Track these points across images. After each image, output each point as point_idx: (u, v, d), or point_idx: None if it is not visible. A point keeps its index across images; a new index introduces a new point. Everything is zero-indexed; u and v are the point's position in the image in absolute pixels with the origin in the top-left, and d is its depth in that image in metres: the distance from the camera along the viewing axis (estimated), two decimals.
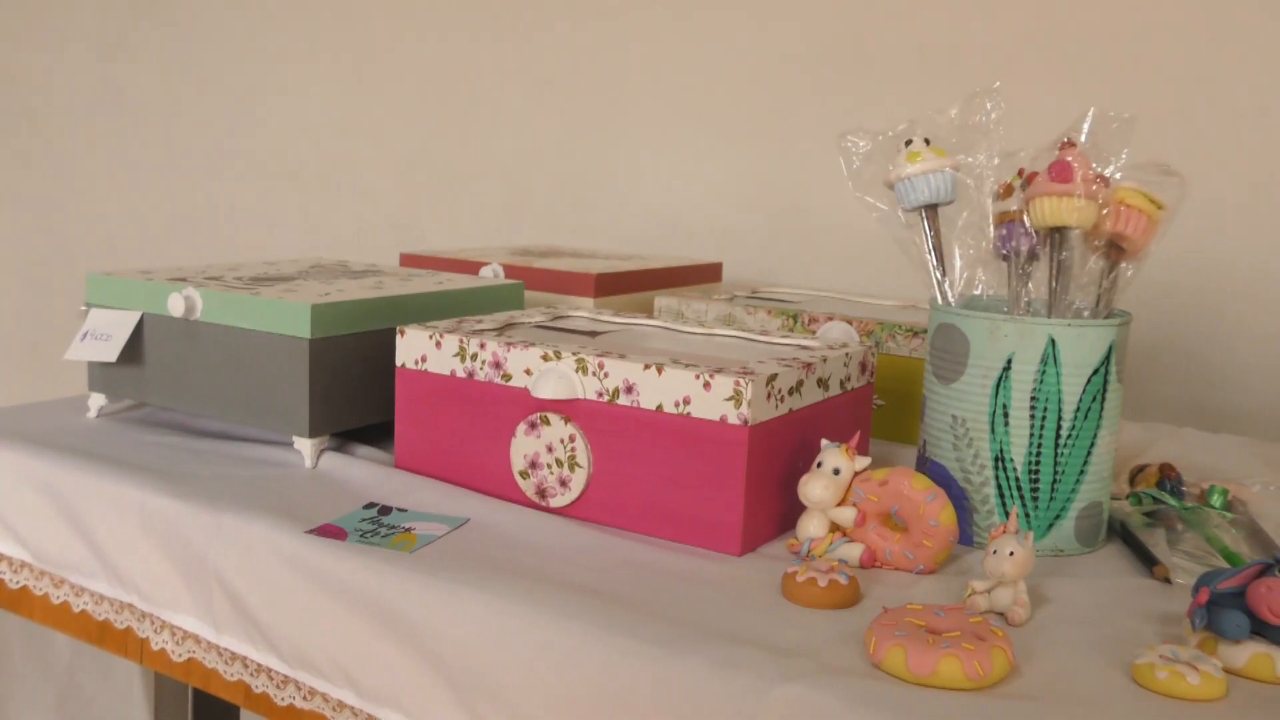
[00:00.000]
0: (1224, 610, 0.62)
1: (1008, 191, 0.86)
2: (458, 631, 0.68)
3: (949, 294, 0.87)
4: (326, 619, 0.74)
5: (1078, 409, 0.78)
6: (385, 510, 0.83)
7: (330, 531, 0.77)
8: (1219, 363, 1.33)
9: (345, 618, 0.73)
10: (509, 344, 0.84)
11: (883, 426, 1.07)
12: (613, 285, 1.23)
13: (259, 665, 0.78)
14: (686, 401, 0.77)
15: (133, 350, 0.99)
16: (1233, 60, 1.30)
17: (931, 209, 0.87)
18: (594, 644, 0.64)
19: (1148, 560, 0.78)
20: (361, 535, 0.77)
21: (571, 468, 0.82)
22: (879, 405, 1.08)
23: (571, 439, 0.82)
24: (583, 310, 1.04)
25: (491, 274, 1.25)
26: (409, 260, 1.32)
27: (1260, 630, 0.62)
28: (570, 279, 1.21)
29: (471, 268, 1.27)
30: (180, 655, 0.82)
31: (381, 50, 1.97)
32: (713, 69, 1.65)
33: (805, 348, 0.90)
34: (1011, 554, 0.68)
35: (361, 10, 1.98)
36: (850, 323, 1.09)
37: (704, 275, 1.38)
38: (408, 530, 0.79)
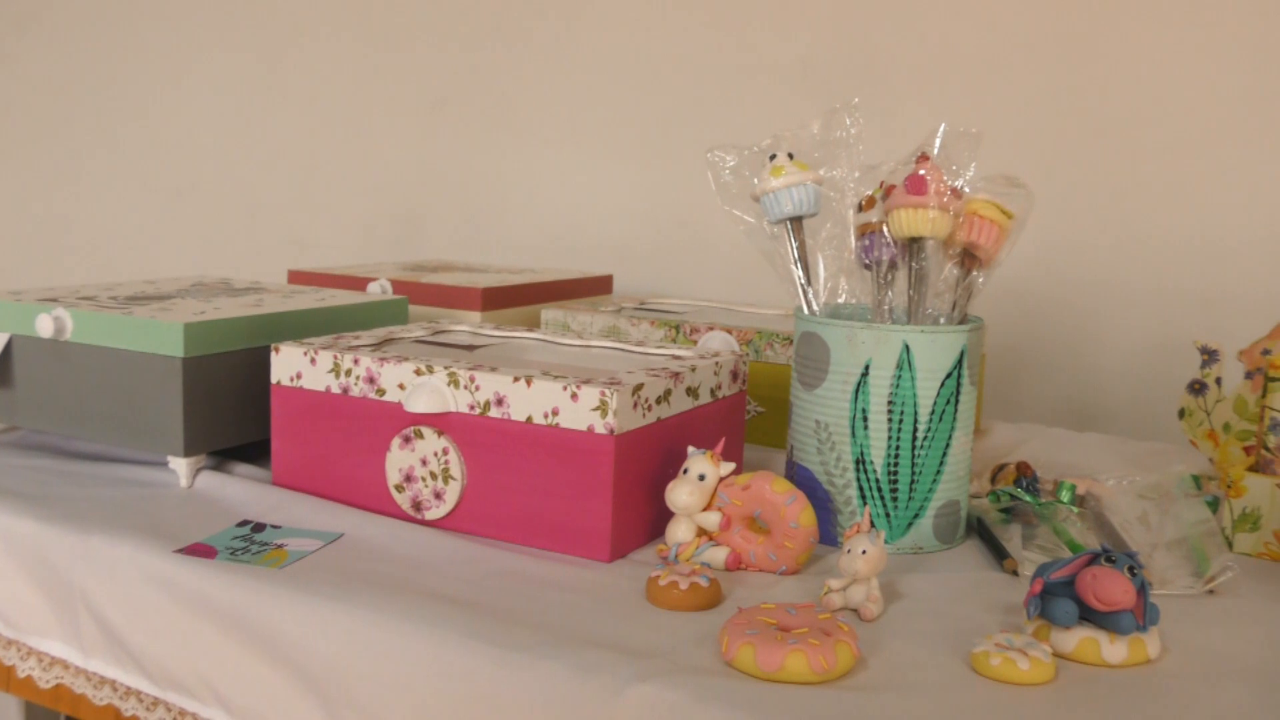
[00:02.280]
0: (1056, 599, 0.66)
1: (870, 203, 0.89)
2: (325, 646, 0.69)
3: (814, 303, 0.90)
4: (195, 638, 0.73)
5: (933, 412, 0.82)
6: (259, 527, 0.83)
7: (200, 550, 0.77)
8: (1088, 364, 1.39)
9: (214, 637, 0.73)
10: (382, 359, 0.85)
11: (762, 432, 1.10)
12: (500, 299, 1.24)
13: (128, 688, 0.77)
14: (555, 412, 0.79)
15: (2, 373, 0.97)
16: (1089, 73, 1.36)
17: (796, 221, 0.89)
18: (458, 653, 0.65)
19: (1000, 554, 0.82)
20: (232, 553, 0.77)
21: (445, 480, 0.83)
22: (758, 412, 1.11)
23: (445, 452, 0.83)
24: (466, 324, 1.05)
25: (379, 289, 1.25)
26: (296, 277, 1.31)
27: (1088, 616, 0.65)
28: (457, 293, 1.22)
29: (359, 284, 1.27)
30: (47, 682, 0.81)
31: (276, 68, 1.95)
32: (604, 86, 1.67)
33: (678, 358, 0.92)
34: (864, 552, 0.71)
35: (254, 27, 1.97)
36: (730, 332, 1.12)
37: (594, 288, 1.40)
38: (279, 547, 0.79)
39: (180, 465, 0.90)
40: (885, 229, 0.87)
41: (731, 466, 0.79)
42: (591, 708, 0.60)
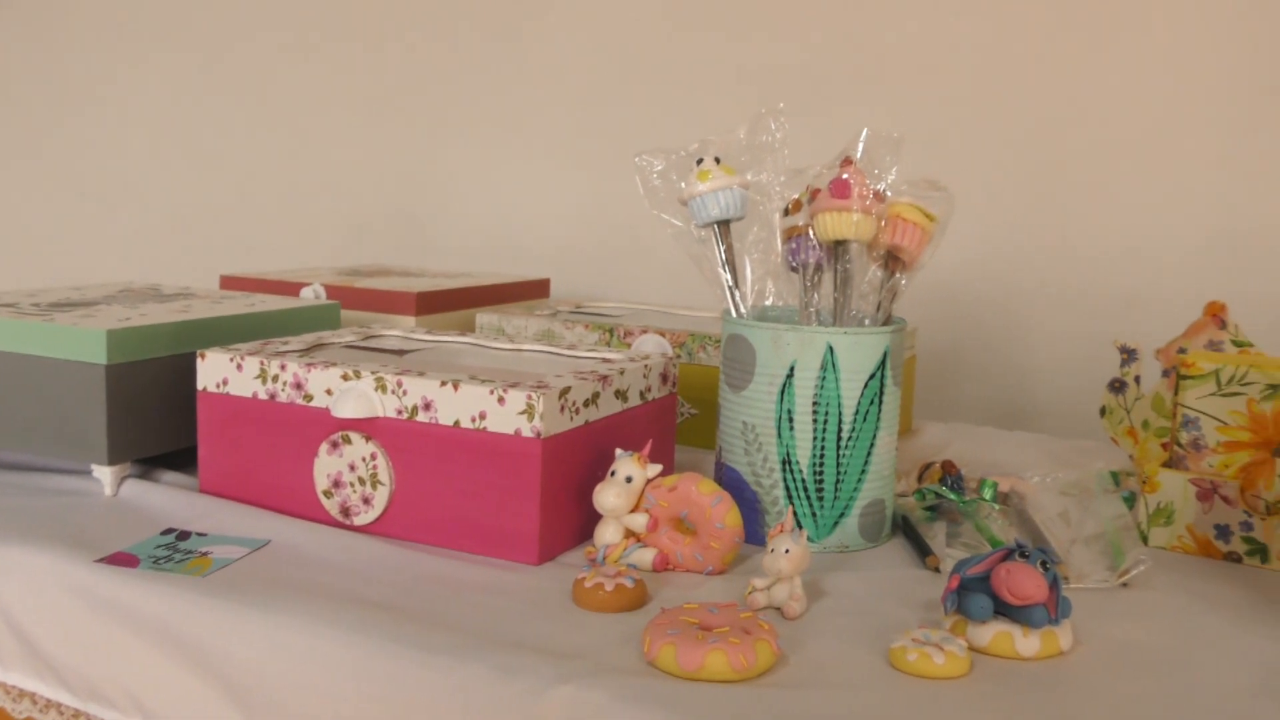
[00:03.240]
0: (971, 594, 0.67)
1: (796, 207, 0.90)
2: (248, 653, 0.68)
3: (741, 306, 0.90)
4: (117, 649, 0.73)
5: (857, 412, 0.83)
6: (184, 535, 0.82)
7: (121, 560, 0.76)
8: (1018, 365, 1.42)
9: (136, 646, 0.72)
10: (310, 364, 0.85)
11: (695, 434, 1.11)
12: (435, 303, 1.24)
13: (48, 700, 0.76)
14: (482, 416, 0.79)
15: None
16: (1017, 81, 1.39)
17: (723, 224, 0.90)
18: (381, 658, 0.65)
19: (923, 552, 0.83)
20: (155, 562, 0.77)
21: (374, 485, 0.83)
22: (691, 414, 1.12)
23: (373, 457, 0.82)
24: (398, 329, 1.05)
25: (313, 295, 1.24)
26: (229, 282, 1.30)
27: (1003, 611, 0.67)
28: (391, 298, 1.22)
29: (293, 289, 1.26)
30: None
31: (214, 70, 1.93)
32: (546, 91, 1.67)
33: (608, 361, 0.92)
34: (787, 551, 0.71)
35: (191, 28, 1.94)
36: (663, 335, 1.13)
37: (532, 291, 1.41)
38: (204, 555, 0.78)
39: (104, 474, 0.89)
40: (811, 232, 0.88)
41: (659, 468, 0.80)
42: (513, 709, 0.60)
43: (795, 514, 0.83)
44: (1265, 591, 0.78)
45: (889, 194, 0.87)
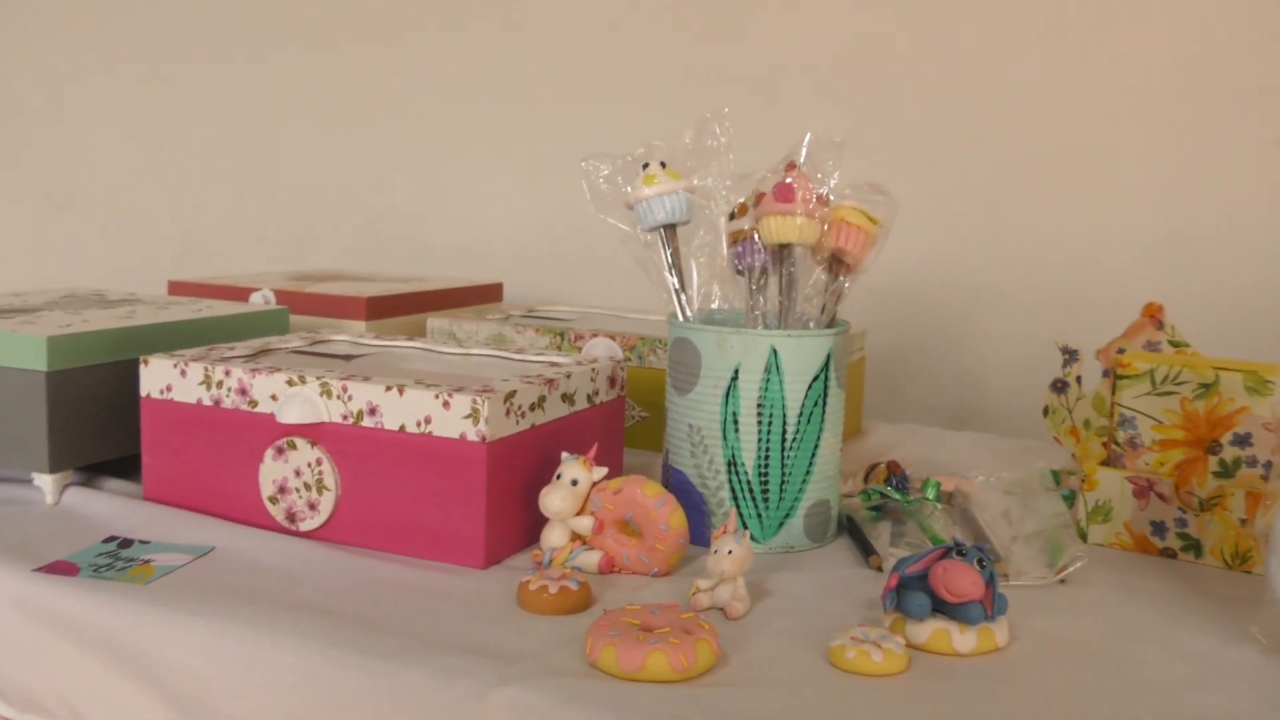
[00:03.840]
0: (910, 592, 0.68)
1: (742, 211, 0.91)
2: (189, 661, 0.68)
3: (688, 309, 0.91)
4: (55, 659, 0.72)
5: (801, 413, 0.84)
6: (126, 543, 0.81)
7: (61, 568, 0.76)
8: (967, 366, 1.43)
9: (75, 655, 0.71)
10: (254, 370, 0.84)
11: (645, 437, 1.12)
12: (386, 308, 1.23)
13: None
14: (428, 421, 0.79)
15: None
16: (963, 88, 1.41)
17: (670, 228, 0.91)
18: (322, 664, 0.65)
19: (867, 551, 0.84)
20: (95, 570, 0.76)
21: (320, 491, 0.82)
22: (642, 417, 1.12)
23: (319, 462, 0.82)
24: (347, 334, 1.05)
25: (262, 300, 1.24)
26: (177, 288, 1.29)
27: (941, 608, 0.68)
28: (342, 303, 1.22)
29: (242, 294, 1.25)
30: None
31: (163, 76, 1.91)
32: (498, 93, 1.67)
33: (555, 364, 0.93)
34: (730, 552, 0.72)
35: (141, 33, 1.92)
36: (614, 338, 1.13)
37: (484, 296, 1.41)
38: (146, 563, 0.78)
39: (46, 482, 0.88)
40: (756, 236, 0.89)
41: (604, 471, 0.80)
42: (453, 713, 0.61)
43: (739, 515, 0.84)
44: (1198, 586, 0.80)
45: (831, 198, 0.88)
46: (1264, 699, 0.62)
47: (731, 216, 0.92)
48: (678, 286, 0.91)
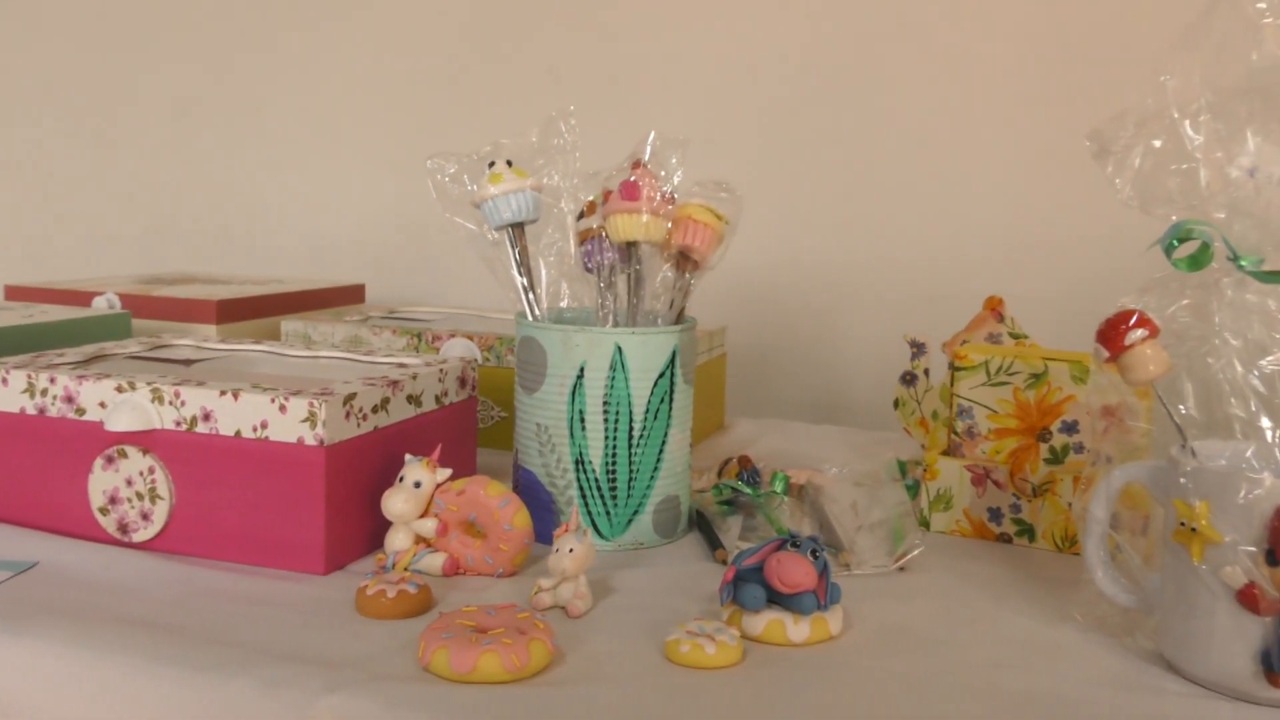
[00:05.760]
0: (746, 584, 0.69)
1: (591, 209, 0.91)
2: (2, 681, 0.65)
3: (537, 308, 0.91)
4: None
5: (647, 410, 0.84)
6: None
7: None
8: (829, 360, 1.46)
9: None
10: (81, 377, 0.81)
11: (506, 438, 1.11)
12: (238, 311, 1.20)
13: None
14: (264, 425, 0.77)
15: None
16: (823, 88, 1.43)
17: (517, 227, 0.90)
18: (140, 678, 0.62)
19: (715, 546, 0.85)
20: None
21: (153, 500, 0.80)
22: (501, 417, 1.12)
23: (151, 471, 0.79)
24: (191, 339, 1.02)
25: (106, 304, 1.19)
26: (14, 293, 1.24)
27: (775, 599, 0.69)
28: (190, 306, 1.18)
29: (85, 299, 1.21)
30: None
31: (4, 67, 1.83)
32: (358, 90, 1.64)
33: (403, 366, 0.91)
34: (571, 551, 0.72)
35: None
36: (472, 339, 1.12)
37: (345, 297, 1.38)
38: None
39: None
40: (605, 234, 0.89)
41: (448, 473, 0.80)
42: None
43: (580, 513, 0.84)
44: (1028, 569, 0.83)
45: (676, 195, 0.88)
46: (1080, 676, 0.65)
47: (580, 215, 0.92)
48: (526, 285, 0.91)
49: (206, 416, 0.78)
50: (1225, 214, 0.64)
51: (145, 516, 0.80)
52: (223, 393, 0.78)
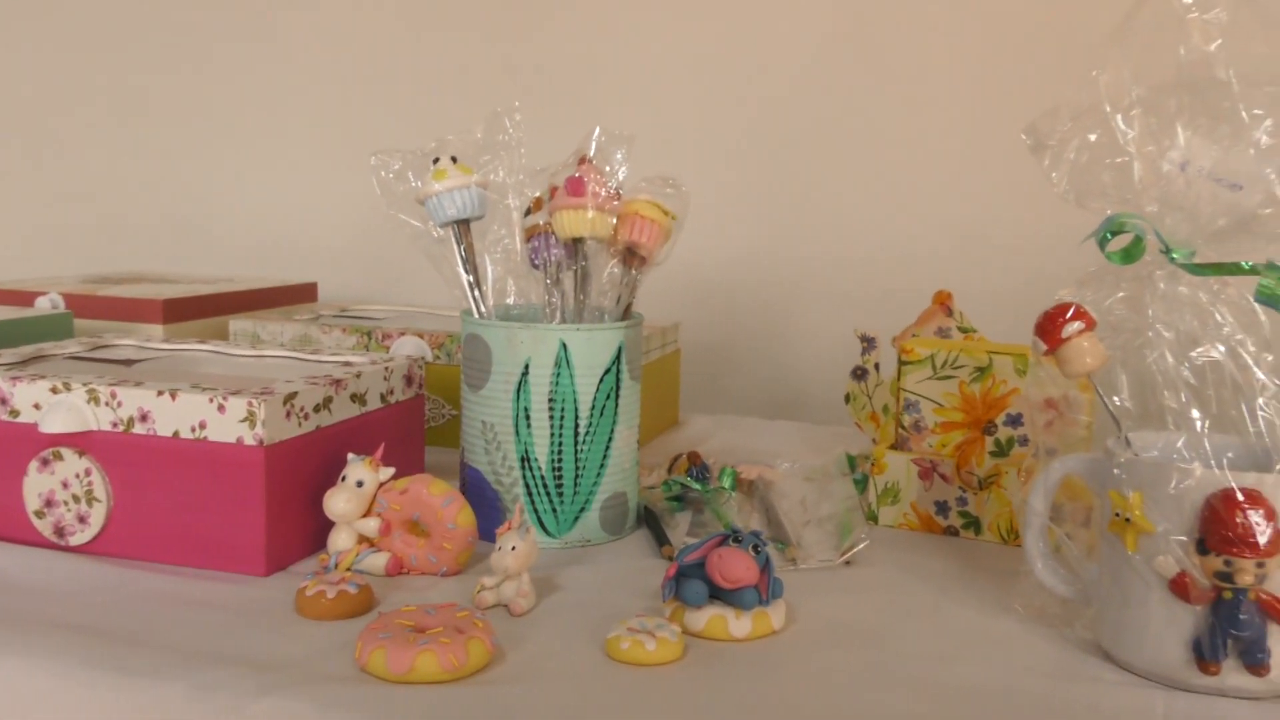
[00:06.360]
0: (688, 580, 0.69)
1: (538, 205, 0.91)
2: None
3: (483, 305, 0.90)
4: None
5: (593, 407, 0.84)
6: None
7: None
8: (785, 356, 1.47)
9: None
10: (15, 378, 0.80)
11: (457, 436, 1.10)
12: (185, 310, 1.19)
13: None
14: (203, 426, 0.76)
15: None
16: (777, 85, 1.43)
17: (463, 224, 0.90)
18: (71, 684, 0.61)
19: (663, 542, 0.85)
20: None
21: (90, 503, 0.78)
22: (452, 415, 1.11)
23: (88, 473, 0.78)
24: (134, 339, 1.00)
25: (49, 304, 1.17)
26: None
27: (718, 595, 0.69)
28: (136, 306, 1.16)
29: (28, 299, 1.19)
30: None
31: None
32: (312, 87, 1.63)
33: (348, 364, 0.91)
34: (514, 548, 0.72)
35: None
36: (422, 337, 1.11)
37: (297, 296, 1.37)
38: None
39: None
40: (551, 230, 0.88)
41: (391, 471, 0.79)
42: None
43: (527, 511, 0.83)
44: (973, 561, 0.84)
45: (621, 191, 0.88)
46: (1018, 667, 0.65)
47: (528, 211, 0.91)
48: (472, 282, 0.90)
49: (144, 417, 0.77)
50: (1157, 207, 0.64)
51: (82, 519, 0.79)
52: (160, 393, 0.77)
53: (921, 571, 0.81)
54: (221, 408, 0.75)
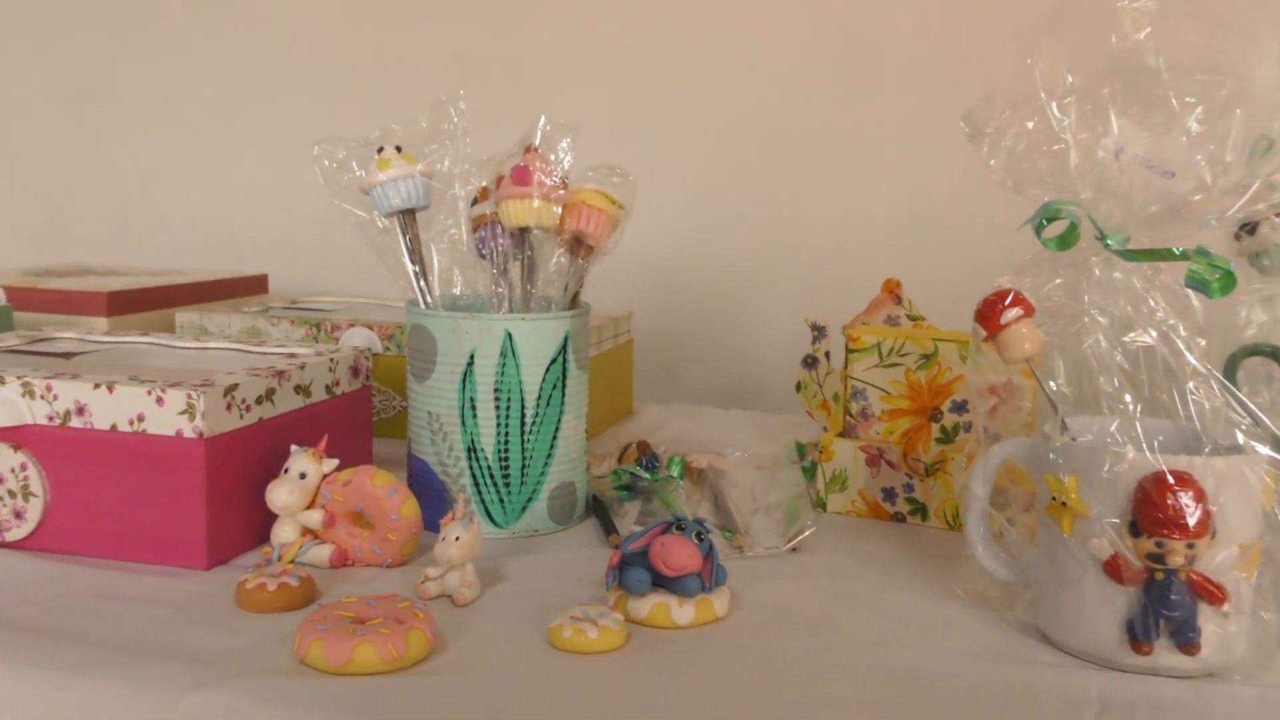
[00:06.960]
0: (631, 568, 0.69)
1: (484, 195, 0.90)
2: None
3: (429, 295, 0.90)
4: None
5: (539, 397, 0.84)
6: None
7: None
8: (739, 345, 1.47)
9: None
10: None
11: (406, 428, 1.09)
12: (131, 303, 1.17)
13: None
14: (141, 419, 0.75)
15: None
16: (729, 74, 1.44)
17: (408, 214, 0.89)
18: (5, 681, 0.60)
19: (610, 531, 0.85)
20: None
21: (25, 498, 0.77)
22: (403, 406, 1.10)
23: (23, 467, 0.77)
24: (75, 331, 0.99)
25: None
26: None
27: (661, 582, 0.69)
28: (80, 299, 1.15)
29: None
30: None
31: None
32: (263, 78, 1.61)
33: (293, 356, 0.90)
34: (457, 539, 0.71)
35: None
36: (372, 328, 1.11)
37: (246, 288, 1.35)
38: None
39: None
40: (498, 220, 0.88)
41: (334, 463, 0.78)
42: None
43: (474, 502, 0.83)
44: (919, 547, 0.84)
45: (568, 180, 0.88)
46: (958, 651, 0.66)
47: (474, 201, 0.91)
48: (418, 272, 0.90)
49: (81, 410, 0.76)
50: (1092, 194, 0.65)
51: (18, 515, 0.77)
52: (97, 386, 0.75)
53: (867, 558, 0.82)
54: (160, 400, 0.74)
